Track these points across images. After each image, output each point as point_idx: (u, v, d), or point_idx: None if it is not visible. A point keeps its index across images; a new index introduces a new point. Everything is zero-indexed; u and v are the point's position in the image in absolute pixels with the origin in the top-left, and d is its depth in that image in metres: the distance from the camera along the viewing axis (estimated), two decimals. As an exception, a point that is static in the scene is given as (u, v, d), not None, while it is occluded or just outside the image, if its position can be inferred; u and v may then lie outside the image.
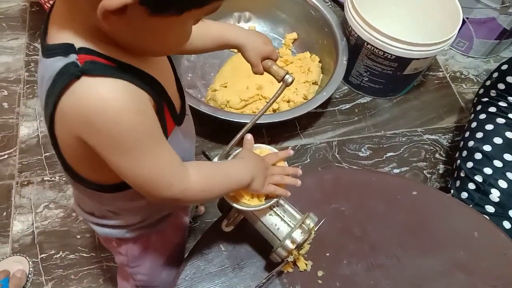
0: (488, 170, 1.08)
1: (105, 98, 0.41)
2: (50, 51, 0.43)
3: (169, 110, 0.52)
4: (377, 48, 1.27)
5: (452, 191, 1.13)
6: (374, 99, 1.47)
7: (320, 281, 0.68)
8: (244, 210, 0.61)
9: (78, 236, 1.14)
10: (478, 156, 1.12)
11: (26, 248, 1.12)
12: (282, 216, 0.63)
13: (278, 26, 1.55)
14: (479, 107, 1.23)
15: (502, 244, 0.74)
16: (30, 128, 1.31)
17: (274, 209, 0.63)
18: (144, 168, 0.46)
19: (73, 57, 0.41)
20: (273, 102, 0.64)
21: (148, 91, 0.45)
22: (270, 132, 1.34)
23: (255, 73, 0.70)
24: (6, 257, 1.09)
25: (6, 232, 1.14)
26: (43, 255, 1.11)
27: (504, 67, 1.21)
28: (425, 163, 1.35)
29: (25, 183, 1.21)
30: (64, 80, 0.41)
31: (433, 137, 1.41)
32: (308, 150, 1.33)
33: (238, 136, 0.63)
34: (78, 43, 0.42)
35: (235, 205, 0.59)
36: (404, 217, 0.76)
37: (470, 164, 1.12)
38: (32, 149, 1.27)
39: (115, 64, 0.43)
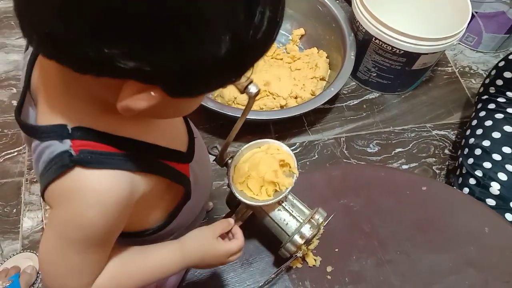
0: (487, 164, 1.09)
1: (95, 188, 0.39)
2: (43, 134, 0.41)
3: (178, 161, 0.51)
4: (385, 43, 1.26)
5: (454, 188, 1.13)
6: (382, 94, 1.46)
7: (329, 277, 0.68)
8: (253, 205, 0.60)
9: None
10: (478, 151, 1.13)
11: (36, 245, 1.12)
12: (291, 211, 0.63)
13: (285, 22, 1.53)
14: (479, 105, 1.25)
15: (513, 240, 0.73)
16: (39, 125, 1.32)
17: (283, 204, 0.63)
18: (60, 260, 0.44)
19: (67, 144, 0.39)
20: (245, 116, 0.59)
21: (147, 170, 0.44)
22: (278, 128, 1.33)
23: None
24: (17, 254, 1.10)
25: (16, 228, 1.15)
26: (52, 251, 1.12)
27: (501, 63, 1.22)
28: (434, 159, 1.34)
29: (35, 180, 1.22)
30: (56, 170, 0.39)
31: (442, 132, 1.39)
32: (316, 146, 1.33)
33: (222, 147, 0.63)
34: (73, 120, 0.40)
35: (243, 200, 0.59)
36: (414, 212, 0.75)
37: (470, 160, 1.14)
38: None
39: (114, 148, 0.41)
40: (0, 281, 0.99)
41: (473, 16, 1.46)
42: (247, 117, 1.15)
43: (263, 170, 0.59)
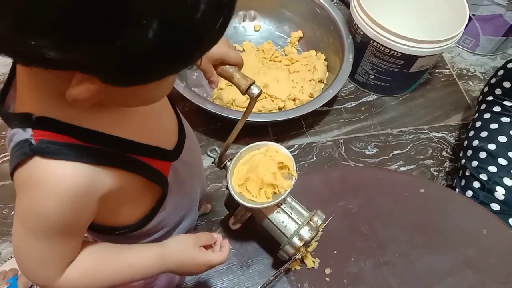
0: (493, 169, 1.08)
1: (50, 178, 0.40)
2: (11, 122, 0.42)
3: (156, 157, 0.50)
4: (383, 46, 1.26)
5: (457, 190, 1.13)
6: (380, 97, 1.47)
7: (327, 279, 0.68)
8: (252, 208, 0.60)
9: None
10: (482, 155, 1.12)
11: (34, 247, 1.12)
12: (290, 214, 0.63)
13: (283, 24, 1.55)
14: (483, 106, 1.23)
15: (511, 242, 0.74)
16: (37, 127, 1.32)
17: (282, 206, 0.63)
18: (27, 248, 0.45)
19: (28, 133, 0.40)
20: (246, 118, 0.59)
21: (113, 164, 0.44)
22: (276, 130, 1.34)
23: (208, 81, 0.60)
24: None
25: (14, 231, 1.14)
26: (50, 253, 1.11)
27: (510, 65, 1.21)
28: (432, 161, 1.34)
29: (33, 182, 1.22)
30: (17, 157, 0.40)
31: (439, 134, 1.40)
32: (314, 149, 1.33)
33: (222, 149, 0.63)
34: (39, 109, 0.40)
35: (242, 202, 0.59)
36: (412, 214, 0.75)
37: (475, 163, 1.12)
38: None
39: (77, 140, 0.41)
40: (-2, 284, 0.99)
41: (470, 18, 1.46)
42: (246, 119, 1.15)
43: (262, 173, 0.59)
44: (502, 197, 1.04)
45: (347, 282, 0.68)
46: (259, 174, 0.59)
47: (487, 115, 1.19)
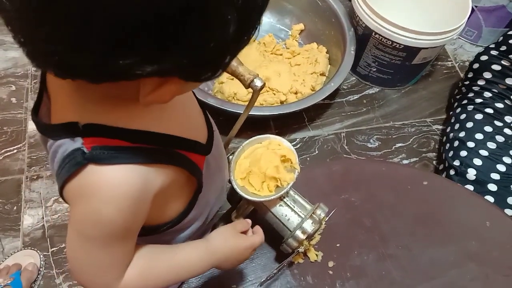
0: (463, 153, 1.15)
1: (107, 184, 0.39)
2: (55, 133, 0.41)
3: (194, 151, 0.50)
4: (385, 38, 1.26)
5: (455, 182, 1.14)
6: (382, 89, 1.46)
7: (330, 272, 0.68)
8: (254, 201, 0.60)
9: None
10: (456, 143, 1.19)
11: (37, 242, 1.12)
12: (293, 207, 0.62)
13: (284, 17, 1.54)
14: (455, 104, 1.32)
15: (514, 234, 0.73)
16: (38, 122, 1.32)
17: (285, 199, 0.63)
18: (86, 258, 0.45)
19: (79, 142, 0.39)
20: (249, 110, 0.59)
21: (163, 161, 0.44)
22: (278, 124, 1.33)
23: None
24: (18, 251, 1.10)
25: (17, 226, 1.15)
26: (54, 248, 1.12)
27: (483, 57, 1.30)
28: (434, 154, 1.34)
29: (35, 177, 1.22)
30: (69, 168, 0.39)
31: (442, 127, 1.39)
32: (316, 142, 1.33)
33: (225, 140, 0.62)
34: (84, 117, 0.40)
35: (245, 196, 0.59)
36: (415, 207, 0.75)
37: (451, 153, 1.19)
38: (41, 143, 1.27)
39: (126, 142, 0.41)
40: (2, 279, 0.99)
41: (473, 10, 1.45)
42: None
43: (265, 166, 0.59)
44: (474, 177, 1.10)
45: (350, 275, 0.68)
46: (262, 167, 0.59)
47: (458, 110, 1.27)
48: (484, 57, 1.29)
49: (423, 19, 1.38)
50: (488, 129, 1.15)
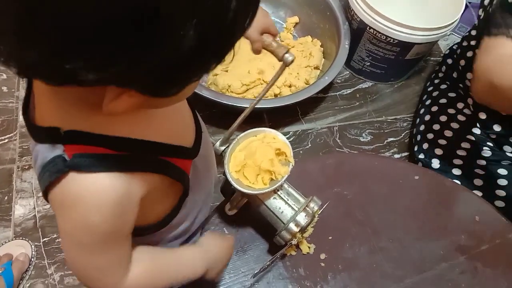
0: (425, 145, 1.19)
1: (90, 192, 0.39)
2: (38, 136, 0.41)
3: (179, 156, 0.50)
4: (379, 33, 1.26)
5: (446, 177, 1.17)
6: (375, 84, 1.47)
7: (322, 264, 0.69)
8: (249, 194, 0.61)
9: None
10: (418, 137, 1.23)
11: (28, 232, 1.12)
12: (286, 200, 0.63)
13: (279, 9, 1.54)
14: (420, 104, 1.34)
15: (502, 228, 0.75)
16: (30, 112, 1.31)
17: (278, 192, 0.63)
18: (85, 263, 0.45)
19: (60, 149, 0.39)
20: (273, 83, 0.62)
21: (146, 169, 0.44)
22: (271, 117, 1.33)
23: (255, 50, 0.65)
24: (9, 241, 1.10)
25: (8, 216, 1.14)
26: (45, 239, 1.11)
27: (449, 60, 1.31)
28: (425, 149, 1.35)
29: (26, 167, 1.21)
30: (51, 175, 0.39)
31: (434, 122, 1.40)
32: (309, 135, 1.33)
33: (239, 120, 0.63)
34: (66, 123, 0.39)
35: (239, 188, 0.59)
36: (406, 201, 0.76)
37: (416, 148, 1.23)
38: (32, 133, 1.27)
39: (109, 149, 0.40)
40: (-7, 269, 0.99)
41: (466, 6, 1.46)
42: (241, 105, 1.16)
43: (259, 159, 0.59)
44: (438, 166, 1.13)
45: (341, 267, 0.69)
46: (257, 160, 0.59)
47: (421, 107, 1.30)
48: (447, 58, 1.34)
49: (417, 14, 1.38)
50: (443, 118, 1.17)
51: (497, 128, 1.06)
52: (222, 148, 0.63)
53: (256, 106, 0.64)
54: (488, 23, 0.80)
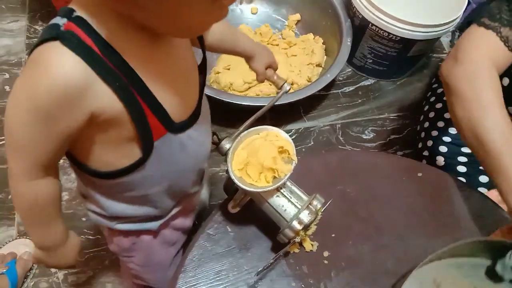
0: (429, 143, 1.18)
1: (54, 63, 0.42)
2: (59, 12, 0.45)
3: (154, 113, 0.51)
4: (381, 29, 1.26)
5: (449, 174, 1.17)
6: (377, 81, 1.46)
7: (326, 261, 0.69)
8: (252, 192, 0.61)
9: (84, 219, 1.15)
10: (422, 135, 1.21)
11: (32, 231, 1.12)
12: (289, 197, 0.63)
13: (281, 7, 1.53)
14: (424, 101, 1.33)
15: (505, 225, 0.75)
16: (32, 111, 1.31)
17: (281, 190, 0.63)
18: (12, 126, 0.48)
19: (63, 21, 0.43)
20: (270, 106, 0.73)
21: (114, 86, 0.45)
22: (274, 115, 1.33)
23: (259, 80, 0.81)
24: (13, 240, 1.10)
25: (11, 215, 1.14)
26: (49, 237, 1.12)
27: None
28: (428, 146, 1.34)
29: (29, 166, 1.21)
30: (44, 35, 0.43)
31: (436, 119, 1.40)
32: (312, 133, 1.33)
33: (247, 123, 0.65)
34: (82, 10, 0.43)
35: (243, 186, 0.59)
36: (409, 198, 0.76)
37: (420, 145, 1.22)
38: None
39: (96, 47, 0.43)
40: (-3, 267, 1.00)
41: (469, 2, 1.45)
42: (243, 103, 1.16)
43: (262, 157, 0.59)
44: (443, 163, 1.12)
45: (345, 265, 0.69)
46: (259, 158, 0.59)
47: (425, 105, 1.27)
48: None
49: (419, 11, 1.37)
50: (447, 115, 1.16)
51: None
52: (228, 146, 0.63)
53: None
54: (482, 12, 0.79)
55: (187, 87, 0.58)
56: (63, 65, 0.42)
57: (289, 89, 0.76)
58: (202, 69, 0.63)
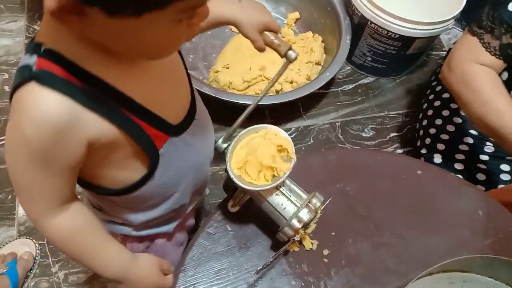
0: (428, 140, 1.18)
1: (36, 105, 0.41)
2: (27, 47, 0.44)
3: (151, 124, 0.50)
4: (380, 27, 1.26)
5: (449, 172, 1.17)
6: (377, 79, 1.46)
7: (325, 260, 0.69)
8: (250, 190, 0.61)
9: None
10: (421, 132, 1.23)
11: (32, 231, 1.12)
12: (289, 196, 0.63)
13: (280, 5, 1.53)
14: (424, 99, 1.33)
15: (506, 223, 0.75)
16: (32, 111, 1.31)
17: (281, 189, 0.63)
18: (16, 174, 0.47)
19: (33, 59, 0.41)
20: (276, 80, 0.61)
21: (103, 113, 0.44)
22: (273, 114, 1.33)
23: (258, 49, 0.64)
24: (13, 240, 1.10)
25: (12, 215, 1.14)
26: (49, 237, 1.12)
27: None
28: (428, 143, 1.34)
29: (29, 166, 1.21)
30: (17, 79, 0.42)
31: (436, 117, 1.40)
32: (311, 131, 1.33)
33: (242, 117, 0.63)
34: (50, 42, 0.41)
35: (241, 185, 0.59)
36: (409, 196, 0.76)
37: (418, 143, 1.23)
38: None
39: (77, 80, 0.42)
40: (-3, 267, 1.00)
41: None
42: (242, 102, 1.16)
43: (261, 155, 0.59)
44: (440, 161, 1.14)
45: (344, 263, 0.69)
46: (258, 157, 0.59)
47: (424, 104, 1.28)
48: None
49: (418, 8, 1.37)
50: (445, 113, 1.16)
51: None
52: (225, 145, 0.63)
53: (258, 103, 0.64)
54: (473, 17, 0.83)
55: (176, 86, 0.57)
56: (43, 105, 0.41)
57: (296, 56, 0.57)
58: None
